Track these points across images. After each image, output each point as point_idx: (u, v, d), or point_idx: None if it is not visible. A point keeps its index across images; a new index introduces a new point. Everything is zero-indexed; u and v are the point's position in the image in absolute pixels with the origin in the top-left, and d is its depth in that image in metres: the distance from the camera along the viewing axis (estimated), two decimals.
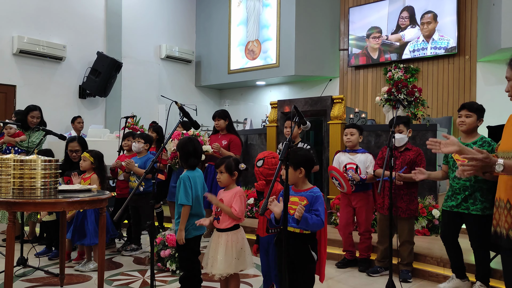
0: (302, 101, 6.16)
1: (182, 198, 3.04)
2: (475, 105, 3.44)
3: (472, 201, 3.35)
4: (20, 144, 5.34)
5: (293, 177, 2.64)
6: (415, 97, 6.05)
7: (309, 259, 2.63)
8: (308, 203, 2.60)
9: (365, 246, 4.26)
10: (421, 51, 8.59)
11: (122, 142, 5.09)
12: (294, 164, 2.62)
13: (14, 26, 8.15)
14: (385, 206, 3.98)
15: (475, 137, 3.46)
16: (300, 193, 2.66)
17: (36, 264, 4.16)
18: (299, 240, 2.62)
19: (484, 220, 3.32)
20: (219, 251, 2.94)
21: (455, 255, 3.57)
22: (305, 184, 2.70)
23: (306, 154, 2.72)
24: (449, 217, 3.52)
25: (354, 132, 4.25)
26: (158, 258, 4.14)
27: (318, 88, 9.78)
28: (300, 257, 2.62)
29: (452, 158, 3.50)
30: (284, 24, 9.71)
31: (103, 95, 9.15)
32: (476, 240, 3.38)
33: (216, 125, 5.29)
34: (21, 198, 2.85)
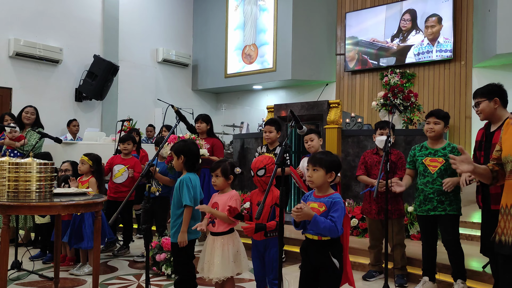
0: (299, 106, 6.18)
1: (186, 200, 3.03)
2: (442, 113, 3.57)
3: (448, 202, 3.47)
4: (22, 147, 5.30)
5: (322, 180, 2.52)
6: (411, 102, 6.09)
7: (331, 266, 2.49)
8: (327, 210, 2.48)
9: None
10: (426, 54, 8.62)
11: (122, 145, 5.05)
12: (327, 167, 2.51)
13: (11, 28, 8.14)
14: (373, 211, 4.00)
15: (443, 143, 3.58)
16: (320, 199, 2.54)
17: (30, 268, 4.14)
18: (319, 247, 2.50)
19: (458, 220, 3.53)
20: (216, 255, 2.94)
21: (431, 258, 3.65)
22: (328, 189, 2.58)
23: (338, 159, 2.63)
24: (426, 221, 3.61)
25: (313, 138, 4.32)
26: (154, 262, 4.13)
27: (315, 92, 9.80)
28: (322, 264, 2.50)
29: (423, 164, 3.58)
30: (281, 28, 9.74)
31: (100, 98, 9.14)
32: (451, 238, 3.48)
33: (198, 127, 5.27)
34: (16, 201, 2.84)
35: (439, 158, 3.51)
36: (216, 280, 2.94)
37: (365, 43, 9.36)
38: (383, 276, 3.92)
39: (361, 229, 5.16)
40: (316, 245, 2.50)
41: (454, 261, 3.52)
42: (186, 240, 3.03)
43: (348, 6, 9.80)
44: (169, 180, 4.60)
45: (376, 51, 9.21)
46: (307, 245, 2.54)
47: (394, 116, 5.65)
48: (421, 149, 3.66)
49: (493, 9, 7.19)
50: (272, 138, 4.61)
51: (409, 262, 4.10)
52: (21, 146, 5.26)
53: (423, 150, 3.63)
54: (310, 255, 2.51)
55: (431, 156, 3.55)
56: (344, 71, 9.76)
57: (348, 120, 6.15)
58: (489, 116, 3.20)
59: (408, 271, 4.02)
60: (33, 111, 5.47)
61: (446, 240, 3.51)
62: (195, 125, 5.29)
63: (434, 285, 3.67)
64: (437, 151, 3.54)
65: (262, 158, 3.09)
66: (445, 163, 3.47)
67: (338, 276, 2.52)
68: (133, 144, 5.08)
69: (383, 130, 4.06)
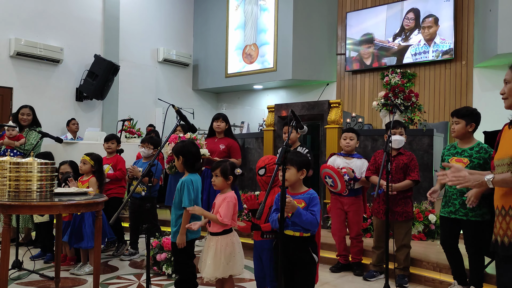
0: (299, 105, 6.18)
1: (185, 202, 3.03)
2: (462, 111, 3.46)
3: (471, 207, 3.30)
4: (20, 147, 5.31)
5: (294, 177, 2.69)
6: (412, 102, 6.07)
7: (310, 261, 2.66)
8: (306, 205, 2.64)
9: (357, 249, 4.30)
10: (422, 54, 8.63)
11: (105, 145, 5.07)
12: (298, 165, 2.68)
13: (11, 28, 8.14)
14: (381, 211, 3.99)
15: (472, 143, 3.48)
16: (297, 196, 2.69)
17: (31, 267, 4.14)
18: (300, 243, 2.64)
19: (482, 226, 3.33)
20: (209, 255, 2.96)
21: (456, 262, 3.55)
22: (301, 187, 2.76)
23: (307, 158, 2.80)
24: (447, 223, 3.51)
25: (354, 137, 4.28)
26: (154, 261, 4.14)
27: (315, 92, 9.81)
28: (301, 260, 2.64)
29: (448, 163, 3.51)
30: (282, 28, 9.74)
31: (100, 98, 9.14)
32: (473, 246, 3.38)
33: (218, 126, 5.16)
34: (17, 201, 2.84)
35: (464, 158, 3.41)
36: (207, 280, 2.95)
37: (365, 43, 9.36)
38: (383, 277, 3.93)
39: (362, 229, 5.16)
40: (297, 241, 2.65)
41: (470, 267, 3.45)
42: (184, 242, 3.04)
43: (349, 6, 9.80)
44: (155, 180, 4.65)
45: (376, 51, 9.21)
46: (286, 242, 2.64)
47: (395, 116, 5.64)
48: (450, 149, 3.59)
49: (494, 8, 7.18)
50: (292, 139, 4.34)
51: (411, 263, 4.10)
52: (20, 145, 5.26)
53: (452, 149, 3.56)
54: (290, 251, 2.63)
55: (457, 155, 3.47)
56: (345, 71, 9.76)
57: (349, 120, 6.15)
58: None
59: (410, 272, 4.02)
60: (28, 111, 5.45)
61: (466, 246, 3.44)
62: (215, 123, 5.22)
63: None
64: (464, 151, 3.45)
65: (264, 158, 3.10)
66: (469, 164, 3.36)
67: (315, 269, 2.71)
68: (117, 144, 5.12)
69: (395, 130, 3.99)
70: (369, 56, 9.32)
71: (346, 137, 4.29)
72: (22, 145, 5.29)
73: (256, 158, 6.68)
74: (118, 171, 4.92)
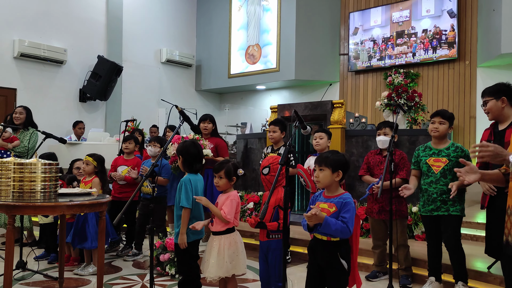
0: (302, 106, 6.18)
1: (183, 201, 3.04)
2: (448, 113, 3.57)
3: (452, 203, 3.46)
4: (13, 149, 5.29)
5: (329, 180, 2.47)
6: (415, 102, 6.07)
7: (339, 268, 2.46)
8: (337, 210, 2.44)
9: None
10: (426, 54, 8.61)
11: (123, 145, 5.08)
12: (333, 166, 2.46)
13: (15, 29, 8.18)
14: (374, 210, 4.01)
15: (447, 143, 3.58)
16: (330, 199, 2.50)
17: (35, 268, 4.15)
18: (327, 248, 2.47)
19: (460, 221, 3.52)
20: (212, 254, 2.96)
21: (437, 258, 3.64)
22: (337, 189, 2.53)
23: (344, 157, 2.58)
24: (430, 221, 3.60)
25: (323, 136, 4.33)
26: (158, 262, 4.14)
27: (318, 92, 9.80)
28: (329, 266, 2.47)
29: (426, 164, 3.58)
30: (285, 28, 9.74)
31: (104, 99, 9.17)
32: (455, 240, 3.46)
33: (205, 128, 5.27)
34: (21, 201, 2.85)
35: (443, 158, 3.51)
36: (210, 280, 2.95)
37: (368, 43, 9.35)
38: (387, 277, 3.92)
39: (364, 230, 5.16)
40: (324, 245, 2.46)
41: (454, 262, 3.51)
42: (185, 242, 3.03)
43: (352, 6, 9.79)
44: (163, 180, 4.63)
45: (379, 50, 9.19)
46: (315, 245, 2.50)
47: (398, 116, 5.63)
48: (425, 149, 3.66)
49: (498, 8, 7.16)
50: (276, 138, 4.61)
51: (413, 263, 4.09)
52: (14, 147, 5.25)
53: (427, 150, 3.64)
54: (318, 255, 2.48)
55: (434, 156, 3.55)
56: (348, 71, 9.75)
57: (352, 120, 6.14)
58: (497, 116, 3.27)
59: (412, 272, 4.01)
60: (21, 110, 5.43)
61: (445, 240, 3.51)
62: (202, 125, 5.28)
63: (440, 285, 3.66)
64: (441, 151, 3.54)
65: (269, 157, 3.11)
66: (448, 163, 3.47)
67: (345, 278, 2.49)
68: (135, 144, 5.09)
69: (380, 131, 4.06)
70: (372, 56, 9.31)
71: (316, 137, 4.37)
72: (15, 147, 5.27)
73: (259, 158, 6.66)
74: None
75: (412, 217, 5.07)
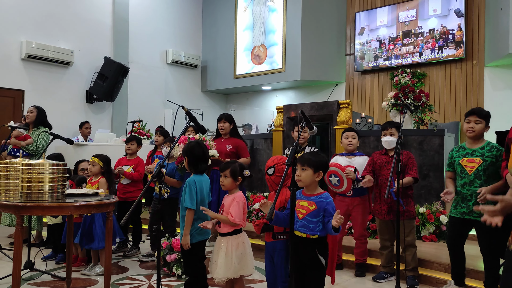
0: (308, 106, 6.17)
1: (187, 202, 3.05)
2: (484, 112, 3.43)
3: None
4: (26, 147, 5.36)
5: (310, 179, 2.65)
6: (422, 102, 6.04)
7: (318, 264, 2.62)
8: (317, 208, 2.60)
9: (361, 250, 4.28)
10: (433, 54, 8.57)
11: (126, 146, 5.14)
12: (315, 167, 2.63)
13: (23, 31, 8.25)
14: (383, 211, 3.98)
15: (482, 142, 3.46)
16: (309, 197, 2.66)
17: (43, 268, 4.19)
18: (307, 245, 2.62)
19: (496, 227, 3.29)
20: (220, 256, 2.97)
21: (459, 262, 3.55)
22: (316, 188, 2.71)
23: (325, 158, 2.76)
24: (458, 224, 3.49)
25: (355, 136, 4.33)
26: (164, 262, 4.16)
27: (324, 93, 9.79)
28: (309, 262, 2.62)
29: (460, 165, 3.49)
30: (290, 29, 9.74)
31: (110, 100, 9.21)
32: (488, 248, 3.34)
33: (221, 127, 5.22)
34: (29, 202, 2.88)
35: (477, 158, 3.39)
36: (218, 281, 2.96)
37: (374, 43, 9.32)
38: (393, 278, 3.91)
39: (371, 231, 5.14)
40: (304, 242, 2.62)
41: (486, 270, 3.40)
42: (188, 243, 3.04)
43: (358, 6, 9.77)
44: (176, 182, 4.63)
45: (386, 50, 9.17)
46: (295, 242, 2.63)
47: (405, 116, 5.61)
48: (459, 150, 3.56)
49: (506, 7, 7.11)
50: (305, 138, 4.55)
51: (420, 264, 4.08)
52: (27, 145, 5.31)
53: (461, 151, 3.53)
54: (299, 252, 2.62)
55: (468, 156, 3.44)
56: (354, 71, 9.73)
57: (358, 120, 6.13)
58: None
59: (419, 273, 4.00)
60: (32, 109, 5.50)
61: (482, 247, 3.39)
62: (219, 125, 5.26)
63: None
64: (475, 151, 3.43)
65: (274, 158, 3.11)
66: (483, 163, 3.35)
67: (322, 273, 2.66)
68: (137, 145, 5.15)
69: (386, 131, 4.02)
70: (378, 56, 9.28)
71: (348, 136, 4.33)
72: (28, 145, 5.33)
73: (265, 159, 6.68)
74: (136, 172, 4.95)
75: (419, 218, 5.06)
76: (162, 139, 5.71)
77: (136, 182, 5.03)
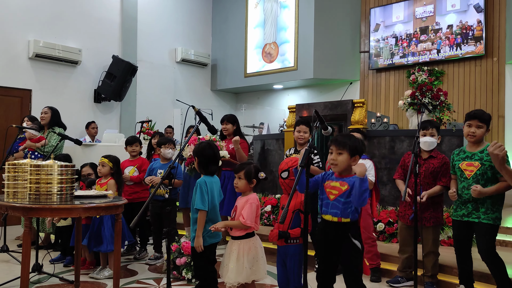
0: (322, 105, 6.16)
1: (198, 203, 3.05)
2: (486, 115, 3.41)
3: (484, 210, 3.35)
4: (40, 149, 5.43)
5: (346, 164, 2.59)
6: (441, 101, 5.98)
7: (353, 248, 2.57)
8: (349, 188, 2.57)
9: (372, 254, 4.20)
10: (451, 51, 8.49)
11: (129, 148, 5.20)
12: (351, 151, 2.57)
13: (30, 30, 8.35)
14: (407, 215, 3.94)
15: (482, 146, 3.45)
16: (342, 178, 2.62)
17: (51, 271, 4.23)
18: (339, 229, 2.58)
19: (494, 231, 3.36)
20: (231, 259, 2.97)
21: (466, 266, 3.55)
22: (351, 171, 2.65)
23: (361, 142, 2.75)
24: (460, 226, 3.52)
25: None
26: (174, 266, 4.18)
27: (338, 91, 9.75)
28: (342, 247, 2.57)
29: (459, 168, 3.51)
30: (303, 26, 9.72)
31: (118, 99, 9.28)
32: (485, 251, 3.34)
33: (224, 129, 5.38)
34: (38, 203, 2.91)
35: (475, 162, 3.39)
36: (229, 286, 2.96)
37: (390, 39, 9.26)
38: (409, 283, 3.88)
39: (387, 234, 5.11)
40: (336, 226, 2.59)
41: (493, 273, 3.39)
42: (201, 245, 3.04)
43: (373, 1, 9.71)
44: (178, 182, 4.70)
45: (402, 47, 9.10)
46: (325, 227, 2.60)
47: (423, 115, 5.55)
48: (459, 153, 3.56)
49: None
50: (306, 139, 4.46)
51: (440, 269, 4.04)
52: (42, 147, 5.38)
53: (461, 154, 3.54)
54: (329, 236, 2.58)
55: (467, 160, 3.45)
56: (369, 69, 9.67)
57: (374, 120, 6.10)
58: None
59: (438, 279, 3.96)
60: (46, 110, 5.59)
61: (479, 250, 3.39)
62: (222, 126, 5.37)
63: None
64: (474, 155, 3.43)
65: (288, 160, 3.10)
66: (481, 167, 3.35)
67: (360, 256, 2.62)
68: (140, 146, 5.27)
69: (426, 131, 3.86)
70: (394, 54, 9.22)
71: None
72: (43, 147, 5.41)
73: (277, 160, 6.68)
74: (142, 172, 5.00)
75: None
76: None
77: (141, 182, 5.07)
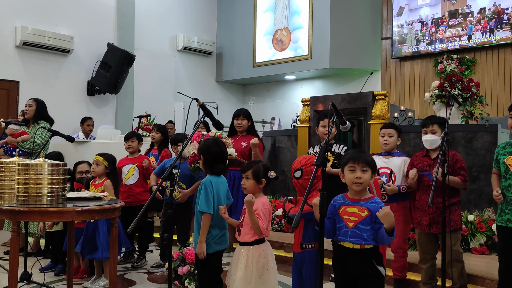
0: (339, 98, 6.13)
1: (202, 205, 3.04)
2: None
3: None
4: (21, 145, 5.44)
5: (368, 182, 2.63)
6: (472, 93, 5.92)
7: (376, 275, 2.58)
8: (370, 214, 2.55)
9: (400, 265, 4.16)
10: (484, 37, 8.39)
11: (125, 144, 5.20)
12: (373, 168, 2.62)
13: (17, 16, 8.40)
14: (424, 222, 3.88)
15: None
16: (359, 202, 2.61)
17: (41, 280, 4.26)
18: (361, 256, 2.58)
19: None
20: (239, 268, 2.95)
21: (508, 278, 3.46)
22: (366, 192, 2.66)
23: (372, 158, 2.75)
24: (506, 233, 3.42)
25: (393, 134, 4.16)
26: (176, 275, 4.18)
27: (357, 83, 9.69)
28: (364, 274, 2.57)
29: (504, 164, 3.42)
30: (318, 9, 9.67)
31: (114, 92, 9.32)
32: None
33: (239, 125, 5.27)
34: (26, 206, 2.93)
35: None
36: None
37: (415, 25, 9.19)
38: None
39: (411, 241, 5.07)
40: (358, 254, 2.57)
41: None
42: (204, 252, 3.03)
43: None
44: None
45: (429, 33, 9.02)
46: (344, 256, 2.59)
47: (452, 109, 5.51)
48: (506, 146, 3.49)
49: None
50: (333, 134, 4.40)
51: (469, 280, 4.00)
52: (22, 141, 5.39)
53: (508, 148, 3.46)
54: (348, 265, 2.57)
55: None
56: (391, 57, 9.61)
57: (397, 114, 6.06)
58: None
59: None
60: (31, 103, 5.59)
61: None
62: (236, 122, 5.31)
63: None
64: None
65: (300, 158, 3.08)
66: None
67: (382, 281, 2.62)
68: (138, 142, 5.25)
69: (426, 128, 3.89)
70: (420, 40, 9.15)
71: (384, 134, 4.19)
72: (24, 142, 5.41)
73: (289, 159, 6.66)
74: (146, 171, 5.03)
75: (468, 227, 4.96)
76: (159, 136, 5.81)
77: (144, 181, 5.08)
